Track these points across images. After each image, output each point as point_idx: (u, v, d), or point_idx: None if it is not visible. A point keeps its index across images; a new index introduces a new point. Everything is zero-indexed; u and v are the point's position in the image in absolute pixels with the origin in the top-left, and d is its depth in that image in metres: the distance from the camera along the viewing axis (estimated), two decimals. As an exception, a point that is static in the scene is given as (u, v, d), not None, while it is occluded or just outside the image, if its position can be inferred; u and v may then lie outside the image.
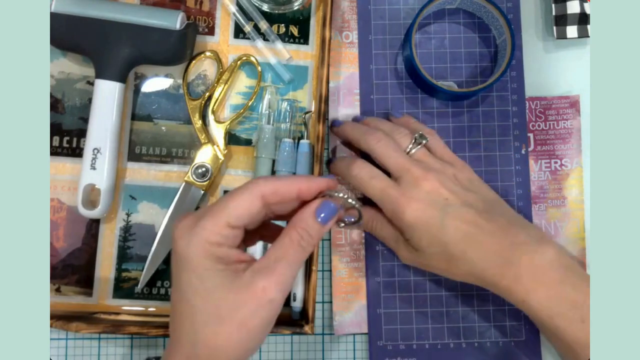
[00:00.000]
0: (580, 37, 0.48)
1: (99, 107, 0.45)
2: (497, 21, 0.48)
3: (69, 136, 0.48)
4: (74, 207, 0.46)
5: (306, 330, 0.43)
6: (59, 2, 0.45)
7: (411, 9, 0.50)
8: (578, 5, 0.48)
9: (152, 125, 0.48)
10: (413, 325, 0.46)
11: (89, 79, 0.48)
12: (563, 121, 0.49)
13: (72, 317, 0.45)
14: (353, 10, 0.50)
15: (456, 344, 0.46)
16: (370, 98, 0.49)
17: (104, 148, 0.45)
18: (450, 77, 0.49)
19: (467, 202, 0.40)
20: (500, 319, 0.47)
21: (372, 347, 0.46)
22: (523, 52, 0.49)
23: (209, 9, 0.49)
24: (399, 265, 0.47)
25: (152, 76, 0.49)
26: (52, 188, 0.47)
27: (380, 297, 0.47)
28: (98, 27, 0.45)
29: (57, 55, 0.48)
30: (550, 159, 0.49)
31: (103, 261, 0.47)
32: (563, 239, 0.48)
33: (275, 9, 0.49)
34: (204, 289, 0.31)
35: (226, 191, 0.48)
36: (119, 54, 0.45)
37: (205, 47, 0.49)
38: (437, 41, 0.50)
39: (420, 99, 0.49)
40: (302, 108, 0.49)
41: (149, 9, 0.46)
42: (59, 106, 0.48)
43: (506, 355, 0.46)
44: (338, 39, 0.50)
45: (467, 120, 0.49)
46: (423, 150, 0.43)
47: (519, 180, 0.48)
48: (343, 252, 0.47)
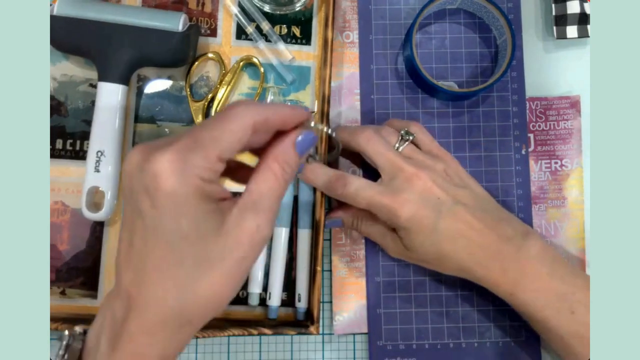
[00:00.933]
0: (580, 37, 0.48)
1: (102, 110, 0.45)
2: (497, 21, 0.48)
3: (73, 139, 0.48)
4: (78, 210, 0.46)
5: (311, 331, 0.43)
6: (61, 5, 0.45)
7: (412, 9, 0.50)
8: (578, 5, 0.48)
9: (156, 127, 0.49)
10: (413, 325, 0.47)
11: (92, 81, 0.48)
12: (563, 121, 0.49)
13: (77, 319, 0.45)
14: (354, 10, 0.50)
15: (456, 344, 0.47)
16: (371, 98, 0.49)
17: (107, 150, 0.45)
18: (451, 77, 0.49)
19: (458, 199, 0.41)
20: (500, 319, 0.47)
21: (372, 347, 0.46)
22: (523, 52, 0.49)
23: (211, 10, 0.50)
24: (399, 265, 0.47)
25: (155, 78, 0.49)
26: (56, 191, 0.47)
27: (380, 297, 0.47)
28: (100, 30, 0.45)
29: (59, 58, 0.48)
30: (550, 159, 0.49)
31: (108, 264, 0.47)
32: (563, 239, 0.48)
33: (276, 10, 0.49)
34: (197, 233, 0.28)
35: (229, 192, 0.48)
36: (121, 57, 0.45)
37: (208, 49, 0.49)
38: (438, 41, 0.50)
39: (420, 99, 0.49)
40: (305, 109, 0.49)
41: (151, 11, 0.47)
42: (62, 109, 0.48)
43: (506, 355, 0.46)
44: (339, 38, 0.50)
45: (468, 120, 0.49)
46: (411, 147, 0.43)
47: (519, 180, 0.48)
48: (343, 252, 0.48)
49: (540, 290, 0.40)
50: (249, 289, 0.46)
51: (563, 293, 0.39)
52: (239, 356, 0.47)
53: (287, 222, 0.47)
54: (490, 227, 0.40)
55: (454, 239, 0.40)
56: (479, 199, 0.42)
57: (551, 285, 0.40)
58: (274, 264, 0.46)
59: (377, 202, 0.40)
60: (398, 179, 0.41)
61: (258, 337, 0.47)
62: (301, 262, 0.46)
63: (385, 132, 0.43)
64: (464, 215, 0.40)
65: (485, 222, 0.40)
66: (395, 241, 0.43)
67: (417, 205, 0.40)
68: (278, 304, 0.46)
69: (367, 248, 0.48)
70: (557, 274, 0.40)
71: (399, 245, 0.43)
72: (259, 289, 0.46)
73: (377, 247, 0.47)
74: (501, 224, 0.41)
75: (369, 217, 0.44)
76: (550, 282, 0.40)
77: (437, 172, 0.41)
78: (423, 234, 0.40)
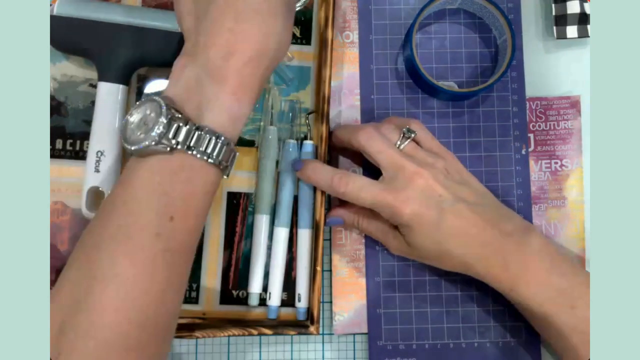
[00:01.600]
0: (580, 37, 0.48)
1: (102, 110, 0.45)
2: (497, 21, 0.48)
3: (73, 139, 0.48)
4: (78, 210, 0.46)
5: (311, 331, 0.43)
6: (61, 5, 0.45)
7: (412, 9, 0.50)
8: (578, 5, 0.48)
9: (155, 127, 0.48)
10: (413, 325, 0.47)
11: (92, 81, 0.48)
12: (564, 122, 0.49)
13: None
14: (354, 10, 0.50)
15: (456, 344, 0.47)
16: (371, 98, 0.49)
17: (107, 150, 0.45)
18: (451, 77, 0.49)
19: (459, 196, 0.41)
20: (500, 319, 0.47)
21: (372, 347, 0.46)
22: (523, 52, 0.49)
23: (210, 10, 0.50)
24: (399, 265, 0.48)
25: (155, 78, 0.49)
26: (56, 191, 0.47)
27: (380, 297, 0.47)
28: (100, 30, 0.45)
29: (59, 58, 0.48)
30: (550, 159, 0.49)
31: (107, 262, 0.47)
32: (563, 239, 0.48)
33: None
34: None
35: (230, 193, 0.48)
36: (121, 57, 0.45)
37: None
38: (438, 41, 0.50)
39: (420, 99, 0.49)
40: (305, 109, 0.49)
41: (151, 11, 0.47)
42: (62, 109, 0.48)
43: (506, 355, 0.46)
44: (339, 39, 0.50)
45: (468, 120, 0.49)
46: (412, 144, 0.43)
47: (519, 180, 0.48)
48: (343, 252, 0.48)
49: (540, 286, 0.40)
50: (249, 289, 0.46)
51: (563, 288, 0.40)
52: (239, 356, 0.47)
53: (287, 222, 0.47)
54: (492, 223, 0.41)
55: (455, 236, 0.40)
56: (479, 195, 0.43)
57: (551, 281, 0.40)
58: (274, 264, 0.46)
59: (380, 200, 0.41)
60: (400, 177, 0.41)
61: (258, 337, 0.47)
62: (301, 262, 0.46)
63: (386, 129, 0.43)
64: (466, 212, 0.40)
65: (486, 219, 0.41)
66: (397, 238, 0.43)
67: (419, 203, 0.40)
68: (278, 304, 0.46)
69: (367, 248, 0.48)
70: (558, 270, 0.40)
71: (401, 242, 0.43)
72: (259, 289, 0.46)
73: (377, 247, 0.48)
74: (502, 220, 0.41)
75: (370, 215, 0.44)
76: (550, 277, 0.40)
77: (438, 170, 0.42)
78: (425, 231, 0.40)
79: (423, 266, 0.47)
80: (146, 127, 0.34)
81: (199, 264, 0.47)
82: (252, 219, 0.47)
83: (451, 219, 0.40)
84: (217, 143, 0.34)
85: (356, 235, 0.48)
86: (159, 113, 0.33)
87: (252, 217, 0.47)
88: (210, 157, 0.34)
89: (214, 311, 0.47)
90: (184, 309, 0.47)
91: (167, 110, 0.33)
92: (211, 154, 0.34)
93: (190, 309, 0.47)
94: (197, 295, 0.47)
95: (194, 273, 0.47)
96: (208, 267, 0.47)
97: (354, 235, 0.48)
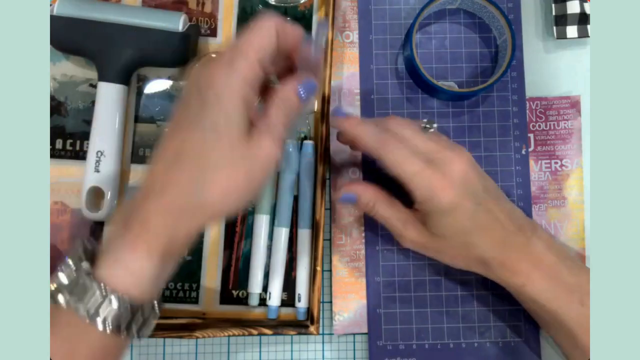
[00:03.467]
0: (580, 37, 0.48)
1: (102, 110, 0.46)
2: (497, 21, 0.48)
3: (73, 139, 0.48)
4: (78, 210, 0.46)
5: (311, 331, 0.43)
6: (61, 5, 0.45)
7: (412, 9, 0.50)
8: (578, 5, 0.48)
9: (155, 127, 0.49)
10: (413, 325, 0.47)
11: (92, 81, 0.48)
12: (564, 121, 0.49)
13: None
14: (354, 10, 0.50)
15: (456, 344, 0.47)
16: (371, 98, 0.49)
17: (107, 150, 0.45)
18: (451, 77, 0.49)
19: (486, 187, 0.40)
20: (500, 319, 0.47)
21: (372, 347, 0.46)
22: (523, 52, 0.49)
23: (211, 10, 0.50)
24: (399, 265, 0.47)
25: (155, 78, 0.49)
26: (56, 191, 0.47)
27: (380, 297, 0.47)
28: (100, 30, 0.45)
29: (59, 58, 0.49)
30: (550, 159, 0.49)
31: (107, 262, 0.47)
32: (563, 239, 0.48)
33: (281, 3, 0.49)
34: (228, 129, 0.32)
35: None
36: (121, 57, 0.45)
37: (208, 49, 0.49)
38: (438, 41, 0.50)
39: (420, 99, 0.49)
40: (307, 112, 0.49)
41: (151, 11, 0.47)
42: (62, 109, 0.48)
43: (506, 355, 0.46)
44: (339, 38, 0.50)
45: (468, 120, 0.49)
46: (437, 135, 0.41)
47: (519, 180, 0.48)
48: (343, 252, 0.48)
49: (552, 280, 0.40)
50: (249, 289, 0.46)
51: (572, 284, 0.39)
52: (239, 356, 0.47)
53: (287, 222, 0.47)
54: (510, 218, 0.40)
55: (482, 229, 0.40)
56: (495, 188, 0.42)
57: (561, 277, 0.40)
58: (274, 264, 0.46)
59: (424, 178, 0.38)
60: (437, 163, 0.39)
61: (258, 337, 0.47)
62: (301, 262, 0.46)
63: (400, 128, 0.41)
64: (492, 205, 0.40)
65: (505, 213, 0.40)
66: (417, 228, 0.41)
67: (459, 192, 0.38)
68: (278, 304, 0.46)
69: (367, 248, 0.48)
70: (566, 266, 0.40)
71: (421, 232, 0.41)
72: (259, 289, 0.46)
73: (377, 247, 0.47)
74: (515, 214, 0.41)
75: (389, 200, 0.42)
76: (560, 274, 0.40)
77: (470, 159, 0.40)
78: (459, 220, 0.39)
79: (423, 266, 0.47)
80: None
81: (199, 264, 0.47)
82: (252, 219, 0.47)
83: (483, 212, 0.39)
84: (104, 301, 0.30)
85: (356, 235, 0.48)
86: None
87: (252, 217, 0.47)
88: (93, 317, 0.30)
89: (214, 311, 0.47)
90: (184, 309, 0.47)
91: (74, 258, 0.32)
92: (94, 314, 0.30)
93: (190, 309, 0.47)
94: (197, 295, 0.47)
95: (194, 273, 0.47)
96: (208, 267, 0.47)
97: (354, 235, 0.48)
